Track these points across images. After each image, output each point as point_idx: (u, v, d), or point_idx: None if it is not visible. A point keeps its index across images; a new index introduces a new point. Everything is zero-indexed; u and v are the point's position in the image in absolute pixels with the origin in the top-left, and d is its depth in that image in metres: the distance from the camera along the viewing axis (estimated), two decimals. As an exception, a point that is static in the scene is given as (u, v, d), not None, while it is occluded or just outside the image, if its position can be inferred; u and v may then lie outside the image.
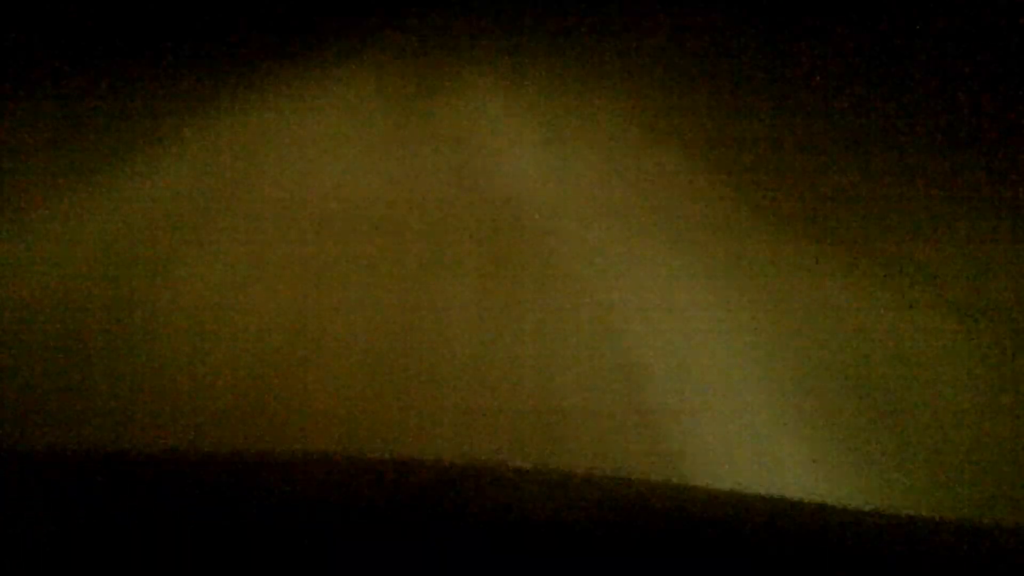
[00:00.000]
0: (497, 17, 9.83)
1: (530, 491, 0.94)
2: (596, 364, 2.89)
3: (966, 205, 4.10)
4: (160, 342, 3.04)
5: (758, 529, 0.85)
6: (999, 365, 2.74)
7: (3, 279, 3.51)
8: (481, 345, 3.03)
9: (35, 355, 3.00)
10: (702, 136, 5.82)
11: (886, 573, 0.75)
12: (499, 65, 7.86)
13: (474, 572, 0.74)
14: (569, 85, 7.11)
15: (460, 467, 1.00)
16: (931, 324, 3.03)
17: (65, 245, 3.99)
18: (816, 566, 0.76)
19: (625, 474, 0.98)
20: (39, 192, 4.64)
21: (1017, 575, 0.78)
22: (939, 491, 2.18)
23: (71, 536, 0.77)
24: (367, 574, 0.74)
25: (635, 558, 0.76)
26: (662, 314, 3.22)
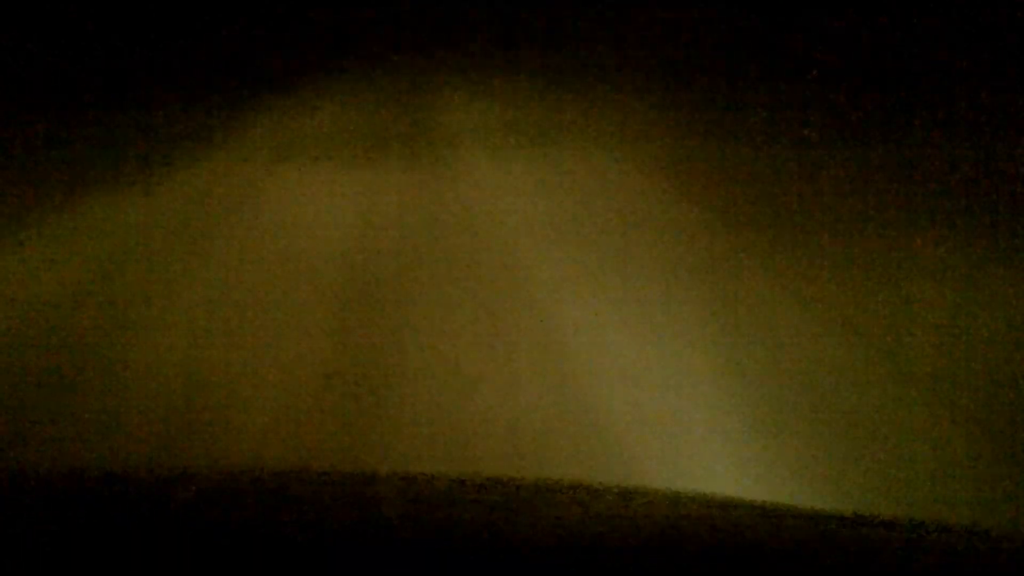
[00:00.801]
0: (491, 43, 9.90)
1: (513, 505, 0.92)
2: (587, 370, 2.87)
3: (964, 200, 4.08)
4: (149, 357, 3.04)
5: (743, 537, 0.83)
6: (998, 357, 2.71)
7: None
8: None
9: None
10: (699, 132, 5.81)
11: None
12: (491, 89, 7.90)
13: None
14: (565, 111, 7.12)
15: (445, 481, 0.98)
16: (928, 319, 3.01)
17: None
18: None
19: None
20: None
21: None
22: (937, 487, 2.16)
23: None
24: None
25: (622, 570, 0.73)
26: (654, 309, 3.20)
